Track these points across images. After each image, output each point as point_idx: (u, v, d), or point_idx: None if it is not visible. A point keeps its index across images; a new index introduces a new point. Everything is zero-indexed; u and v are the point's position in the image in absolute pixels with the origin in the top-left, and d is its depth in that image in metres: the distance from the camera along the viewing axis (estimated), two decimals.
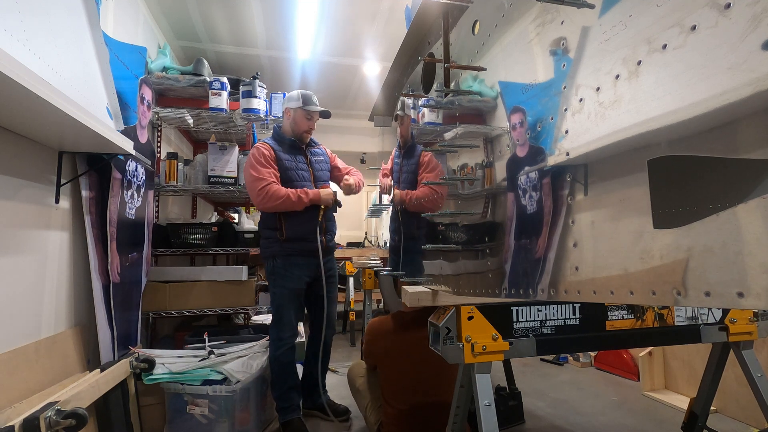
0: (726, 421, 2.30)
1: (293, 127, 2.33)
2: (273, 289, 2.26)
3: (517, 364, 3.05)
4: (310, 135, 2.39)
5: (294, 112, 2.31)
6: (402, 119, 2.25)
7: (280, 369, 2.21)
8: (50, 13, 1.49)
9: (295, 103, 2.30)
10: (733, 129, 0.55)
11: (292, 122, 2.33)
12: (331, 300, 2.41)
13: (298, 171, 2.29)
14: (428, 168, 2.20)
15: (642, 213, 0.67)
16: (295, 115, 2.31)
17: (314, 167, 2.37)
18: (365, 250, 5.81)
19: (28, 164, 1.60)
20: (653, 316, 1.50)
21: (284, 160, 2.26)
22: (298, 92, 2.32)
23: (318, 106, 2.33)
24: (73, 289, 1.90)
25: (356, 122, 6.03)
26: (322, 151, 2.49)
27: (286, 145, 2.31)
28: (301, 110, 2.30)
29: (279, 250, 2.24)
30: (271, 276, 2.26)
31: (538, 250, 0.95)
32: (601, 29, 0.77)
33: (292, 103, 2.31)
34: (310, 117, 2.33)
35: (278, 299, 2.23)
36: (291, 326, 2.25)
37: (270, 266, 2.26)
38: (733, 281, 0.54)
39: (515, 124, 1.06)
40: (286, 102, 2.34)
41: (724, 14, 0.54)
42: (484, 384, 1.22)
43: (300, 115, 2.30)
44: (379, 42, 3.93)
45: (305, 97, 2.30)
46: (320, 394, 2.40)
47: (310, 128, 2.35)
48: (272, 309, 2.27)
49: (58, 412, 1.30)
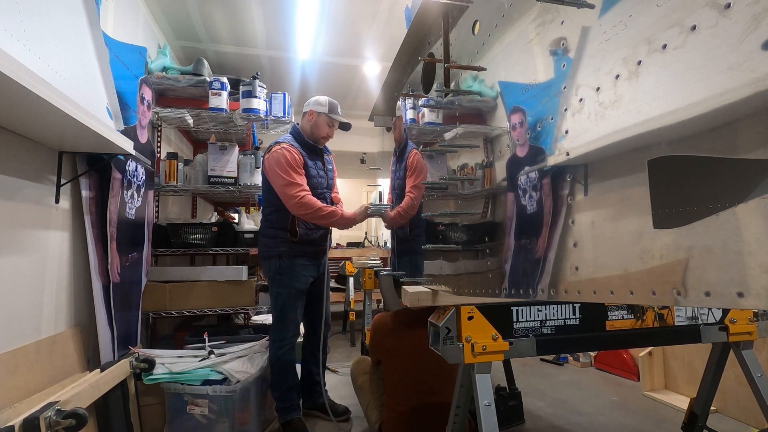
0: (726, 421, 2.30)
1: (313, 130, 2.34)
2: (277, 289, 2.24)
3: (517, 364, 3.05)
4: (326, 142, 2.42)
5: (317, 116, 2.33)
6: (394, 123, 2.30)
7: (281, 369, 2.21)
8: (50, 14, 1.49)
9: (322, 108, 2.33)
10: (733, 129, 0.55)
11: (313, 125, 2.34)
12: (327, 297, 2.45)
13: (319, 179, 2.33)
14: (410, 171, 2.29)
15: (642, 213, 0.67)
16: (318, 119, 2.33)
17: (328, 175, 2.41)
18: (365, 250, 5.81)
19: (28, 164, 1.60)
20: (653, 316, 1.50)
21: (310, 168, 2.29)
22: (326, 98, 2.36)
23: (341, 117, 2.38)
24: (73, 289, 1.90)
25: (356, 122, 5.98)
26: (330, 160, 2.52)
27: (308, 150, 2.33)
28: (326, 116, 2.33)
29: (287, 250, 2.23)
30: (277, 276, 2.24)
31: (538, 250, 0.95)
32: (601, 29, 0.77)
33: (318, 107, 2.33)
34: (332, 125, 2.37)
35: (283, 299, 2.22)
36: (295, 325, 2.25)
37: (275, 265, 2.24)
38: (733, 281, 0.54)
39: (515, 124, 1.06)
40: (313, 104, 2.35)
41: (724, 14, 0.54)
42: (484, 384, 1.22)
43: (323, 120, 2.33)
44: (379, 42, 3.93)
45: (332, 105, 2.35)
46: (320, 394, 2.41)
47: (329, 136, 2.39)
48: (275, 309, 2.25)
49: (58, 412, 1.30)
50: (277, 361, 2.21)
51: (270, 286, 2.30)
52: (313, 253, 2.32)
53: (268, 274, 2.30)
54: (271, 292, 2.29)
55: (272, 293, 2.28)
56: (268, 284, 2.32)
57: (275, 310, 2.25)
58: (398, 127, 2.38)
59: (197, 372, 2.01)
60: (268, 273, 2.29)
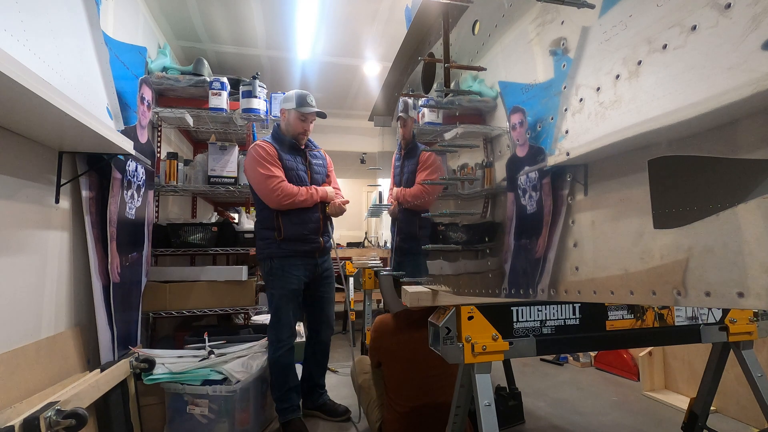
0: (726, 421, 2.30)
1: (288, 129, 2.29)
2: (271, 290, 2.23)
3: (517, 364, 3.05)
4: (306, 137, 2.34)
5: (288, 114, 2.27)
6: (405, 121, 2.25)
7: (280, 370, 2.19)
8: (50, 13, 1.49)
9: (290, 104, 2.25)
10: (734, 129, 0.55)
11: (287, 124, 2.29)
12: (329, 300, 2.41)
13: (297, 171, 2.26)
14: (423, 166, 2.22)
15: (642, 213, 0.67)
16: (290, 117, 2.27)
17: (312, 170, 2.34)
18: (365, 250, 5.81)
19: (28, 164, 1.60)
20: (653, 316, 1.50)
21: (285, 160, 2.23)
22: (293, 92, 2.27)
23: (313, 108, 2.26)
24: (73, 289, 1.90)
25: (356, 122, 6.04)
26: (322, 155, 2.45)
27: (286, 146, 2.28)
28: (296, 111, 2.25)
29: (276, 251, 2.20)
30: (269, 277, 2.23)
31: (538, 250, 0.95)
32: (601, 29, 0.77)
33: (286, 104, 2.27)
34: (304, 119, 2.26)
35: (276, 300, 2.21)
36: (289, 327, 2.22)
37: (267, 267, 2.23)
38: (733, 281, 0.54)
39: (515, 124, 1.06)
40: (282, 102, 2.30)
41: (725, 14, 0.54)
42: (484, 384, 1.22)
43: (294, 116, 2.25)
44: (379, 42, 3.93)
45: (299, 98, 2.24)
46: (321, 395, 2.40)
47: (305, 130, 2.30)
48: (270, 310, 2.25)
49: (58, 412, 1.30)
50: (276, 363, 2.19)
51: (265, 287, 2.29)
52: (305, 252, 2.25)
53: (263, 275, 2.29)
54: (267, 293, 2.28)
55: (268, 294, 2.28)
56: (265, 285, 2.31)
57: (271, 311, 2.25)
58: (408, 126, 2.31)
59: (197, 372, 2.01)
60: (263, 274, 2.29)
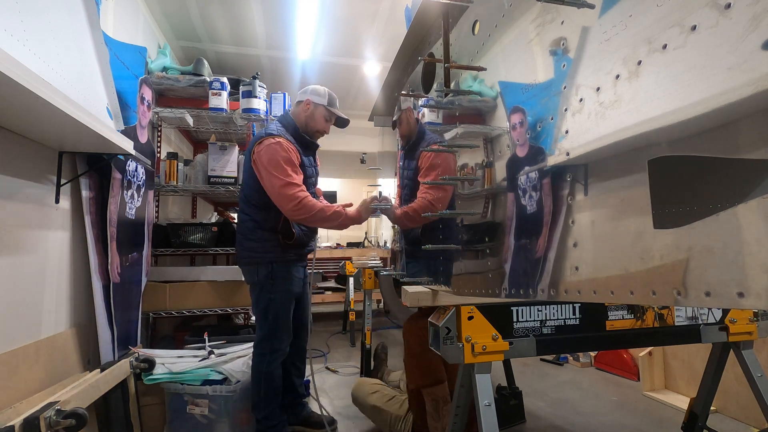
0: (726, 421, 2.30)
1: (308, 121, 2.10)
2: (270, 294, 1.99)
3: (517, 364, 3.05)
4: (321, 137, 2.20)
5: (315, 108, 2.09)
6: (398, 120, 2.22)
7: (270, 383, 1.99)
8: (50, 13, 1.49)
9: (320, 99, 2.09)
10: (734, 129, 0.55)
11: (309, 116, 2.10)
12: (308, 303, 2.29)
13: (309, 179, 2.12)
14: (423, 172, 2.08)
15: (642, 213, 0.67)
16: (315, 111, 2.10)
17: (316, 170, 2.25)
18: (365, 250, 5.81)
19: (28, 164, 1.60)
20: (653, 316, 1.50)
21: (306, 167, 2.09)
22: (326, 89, 2.13)
23: (341, 113, 2.17)
24: (73, 289, 1.90)
25: (356, 122, 5.99)
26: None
27: (302, 145, 2.10)
28: (324, 109, 2.10)
29: (281, 254, 2.02)
30: (269, 281, 1.99)
31: (538, 250, 0.95)
32: (601, 29, 0.77)
33: (316, 98, 2.09)
34: (329, 119, 2.14)
35: (277, 305, 1.99)
36: (288, 334, 2.05)
37: (266, 271, 1.99)
38: (733, 281, 0.54)
39: (515, 124, 1.06)
40: (310, 94, 2.10)
41: (725, 14, 0.54)
42: (484, 384, 1.22)
43: (320, 113, 2.10)
44: (379, 42, 3.93)
45: (332, 98, 2.13)
46: (303, 406, 2.28)
47: (325, 131, 2.16)
48: (265, 318, 2.00)
49: (58, 412, 1.30)
50: (268, 376, 1.98)
51: (258, 292, 2.01)
52: (303, 255, 2.17)
53: (253, 279, 2.02)
54: (260, 299, 2.00)
55: (262, 300, 2.00)
56: (254, 291, 2.03)
57: (266, 319, 1.99)
58: (406, 121, 2.19)
59: (197, 372, 2.01)
60: (253, 278, 2.02)
